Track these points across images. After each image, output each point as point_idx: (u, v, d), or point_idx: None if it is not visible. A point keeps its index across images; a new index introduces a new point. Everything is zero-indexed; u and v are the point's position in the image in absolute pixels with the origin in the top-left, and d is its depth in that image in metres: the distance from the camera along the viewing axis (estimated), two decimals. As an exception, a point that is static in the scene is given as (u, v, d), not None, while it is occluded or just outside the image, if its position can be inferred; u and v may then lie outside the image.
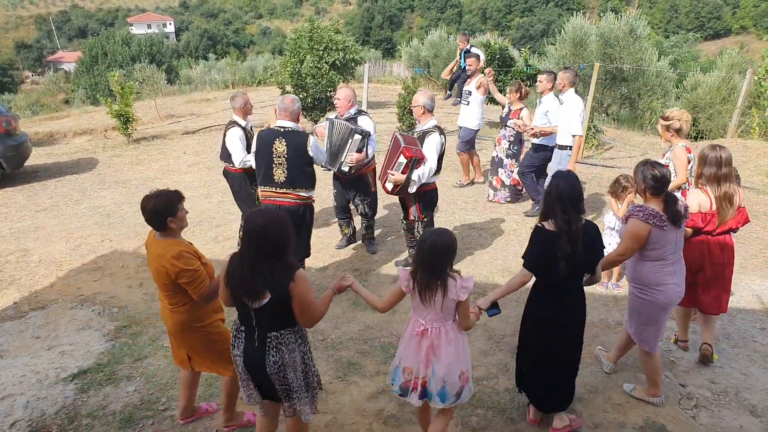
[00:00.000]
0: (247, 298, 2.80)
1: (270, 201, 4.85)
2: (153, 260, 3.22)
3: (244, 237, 2.86)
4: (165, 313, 3.39)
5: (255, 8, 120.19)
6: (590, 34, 12.34)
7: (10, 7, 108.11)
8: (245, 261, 2.80)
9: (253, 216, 2.85)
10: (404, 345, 3.22)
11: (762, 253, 6.42)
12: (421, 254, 3.00)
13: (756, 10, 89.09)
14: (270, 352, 2.88)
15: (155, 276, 3.24)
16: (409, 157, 4.95)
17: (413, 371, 3.16)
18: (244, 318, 2.94)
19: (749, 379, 4.25)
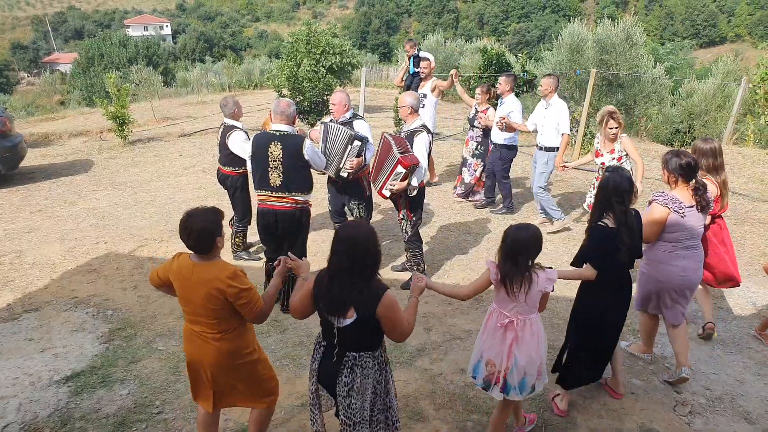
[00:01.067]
0: (333, 316, 2.76)
1: (266, 205, 4.83)
2: (198, 286, 2.91)
3: (335, 250, 2.73)
4: (204, 346, 3.02)
5: (252, 11, 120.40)
6: (587, 40, 12.39)
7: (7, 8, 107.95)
8: (336, 276, 2.73)
9: (345, 228, 2.79)
10: (487, 338, 3.29)
11: (757, 261, 6.44)
12: (505, 248, 3.10)
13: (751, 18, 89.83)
14: (344, 372, 2.81)
15: (201, 303, 2.92)
16: (407, 167, 4.97)
17: (496, 364, 3.24)
18: (326, 333, 2.90)
19: (744, 385, 4.26)
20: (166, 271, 3.05)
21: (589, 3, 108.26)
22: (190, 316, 3.03)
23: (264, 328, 4.85)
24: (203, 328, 3.00)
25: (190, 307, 2.99)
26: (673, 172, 3.92)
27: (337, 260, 2.72)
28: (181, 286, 2.99)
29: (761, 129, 12.12)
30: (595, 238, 3.55)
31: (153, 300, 5.38)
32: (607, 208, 3.49)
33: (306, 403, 3.93)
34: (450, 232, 7.04)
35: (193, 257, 2.99)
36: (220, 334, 2.99)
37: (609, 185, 3.49)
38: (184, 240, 2.92)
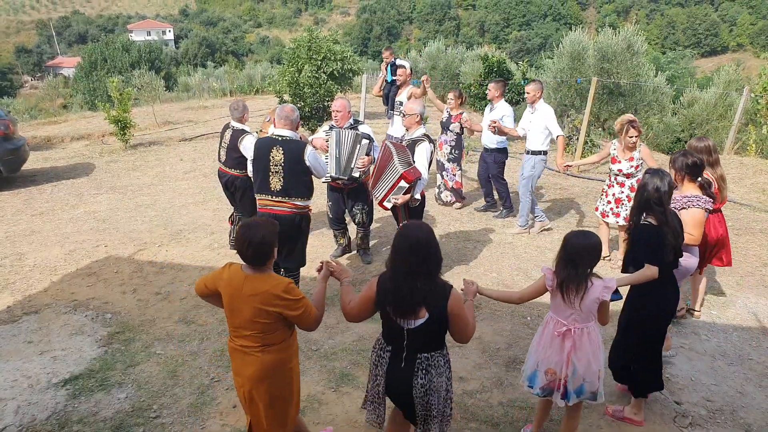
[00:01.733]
0: (403, 317, 2.76)
1: (266, 209, 4.82)
2: (249, 298, 2.86)
3: (399, 252, 2.77)
4: (248, 359, 2.95)
5: (254, 17, 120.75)
6: (588, 48, 12.42)
7: (12, 12, 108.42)
8: (404, 276, 2.74)
9: (408, 230, 2.80)
10: (543, 347, 3.32)
11: (759, 271, 6.41)
12: (564, 254, 3.14)
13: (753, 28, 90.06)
14: (418, 374, 2.82)
15: (250, 316, 2.87)
16: (410, 182, 4.95)
17: (557, 372, 3.27)
18: (392, 338, 2.89)
19: (745, 397, 4.24)
20: (216, 280, 2.99)
21: (590, 11, 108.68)
22: (235, 329, 2.97)
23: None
24: (247, 342, 2.94)
25: (237, 319, 2.93)
26: (679, 170, 4.19)
27: (404, 262, 2.74)
28: (231, 298, 2.93)
29: (763, 138, 12.11)
30: (644, 237, 3.61)
31: (152, 304, 5.37)
32: (647, 209, 3.60)
33: (305, 408, 3.92)
34: (450, 240, 7.04)
35: (246, 269, 2.93)
36: (265, 346, 2.94)
37: (649, 187, 3.59)
38: (242, 251, 2.88)
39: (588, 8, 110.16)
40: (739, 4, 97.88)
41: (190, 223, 7.40)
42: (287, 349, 3.03)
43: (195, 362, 4.45)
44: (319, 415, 3.89)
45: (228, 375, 4.28)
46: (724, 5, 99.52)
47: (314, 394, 4.08)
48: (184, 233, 7.07)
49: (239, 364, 3.00)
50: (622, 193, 6.07)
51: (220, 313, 5.18)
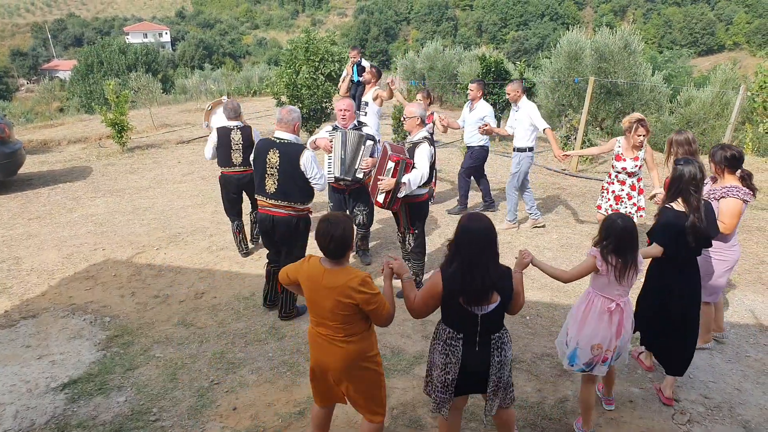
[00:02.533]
0: (478, 305, 2.92)
1: (264, 210, 4.83)
2: (328, 291, 2.96)
3: (466, 244, 2.91)
4: (331, 348, 3.06)
5: (251, 19, 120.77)
6: (585, 48, 12.43)
7: (7, 15, 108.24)
8: (473, 267, 2.88)
9: (472, 222, 2.95)
10: (590, 325, 3.51)
11: (755, 269, 6.43)
12: (616, 237, 3.33)
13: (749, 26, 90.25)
14: (494, 353, 3.04)
15: (329, 307, 2.97)
16: (396, 161, 4.98)
17: (603, 346, 3.49)
18: (463, 325, 3.02)
19: (743, 394, 4.25)
20: (297, 271, 3.12)
21: (587, 11, 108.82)
22: (316, 319, 3.09)
23: (261, 336, 4.85)
24: (329, 332, 3.05)
25: (317, 310, 3.05)
26: (719, 164, 4.33)
27: (472, 252, 2.89)
28: (310, 289, 3.05)
29: (759, 137, 12.14)
30: (663, 219, 3.82)
31: (151, 307, 5.37)
32: (682, 195, 3.77)
33: (304, 410, 3.92)
34: (448, 240, 7.03)
35: (324, 262, 3.04)
36: (347, 337, 3.04)
37: (686, 175, 3.76)
38: (324, 245, 2.97)
39: (585, 8, 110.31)
40: (735, 3, 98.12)
41: (188, 226, 7.40)
42: (368, 338, 3.15)
43: (194, 365, 4.45)
44: (318, 416, 3.88)
45: (228, 377, 4.29)
46: (720, 4, 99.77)
47: (313, 396, 4.08)
48: (183, 236, 7.06)
49: (322, 353, 3.11)
50: (623, 191, 6.08)
51: (219, 315, 5.20)
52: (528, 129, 6.99)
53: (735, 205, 4.21)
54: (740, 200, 4.21)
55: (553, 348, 4.67)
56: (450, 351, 3.05)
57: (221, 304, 5.42)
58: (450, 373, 3.06)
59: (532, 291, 5.69)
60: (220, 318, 5.16)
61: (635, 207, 6.04)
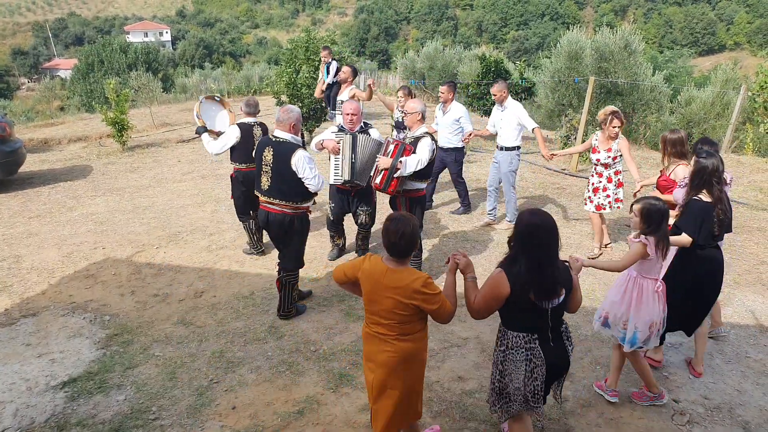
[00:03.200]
0: (548, 298, 2.97)
1: (262, 206, 4.92)
2: (389, 290, 2.97)
3: (531, 238, 2.93)
4: (384, 345, 3.07)
5: (251, 18, 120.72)
6: (585, 48, 12.42)
7: (8, 14, 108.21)
8: (543, 262, 2.93)
9: (535, 217, 2.96)
10: (648, 306, 3.78)
11: (755, 269, 6.42)
12: (657, 222, 3.59)
13: (750, 26, 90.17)
14: (566, 343, 3.20)
15: (389, 306, 2.99)
16: (396, 144, 5.07)
17: (656, 323, 3.83)
18: (534, 324, 3.06)
19: (743, 395, 4.25)
20: (355, 269, 3.14)
21: (587, 11, 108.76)
22: (372, 317, 3.11)
23: (261, 335, 4.85)
24: (383, 330, 3.08)
25: (375, 308, 3.06)
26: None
27: (540, 248, 2.93)
28: (371, 288, 3.05)
29: (760, 137, 12.13)
30: (692, 210, 4.04)
31: (150, 306, 5.37)
32: (705, 187, 4.00)
33: (303, 409, 3.92)
34: (448, 240, 7.04)
35: (387, 261, 3.05)
36: (402, 336, 3.06)
37: (709, 167, 3.99)
38: (393, 243, 2.97)
39: (585, 7, 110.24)
40: (736, 3, 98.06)
41: (188, 225, 7.40)
42: (422, 339, 3.15)
43: (194, 364, 4.45)
44: (318, 415, 3.89)
45: (227, 376, 4.29)
46: (721, 4, 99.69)
47: (313, 395, 4.08)
48: (182, 235, 7.06)
49: (374, 350, 3.13)
50: (600, 183, 6.36)
51: (218, 314, 5.20)
52: (516, 128, 7.04)
53: None
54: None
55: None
56: (533, 354, 3.06)
57: (221, 303, 5.42)
58: (538, 379, 3.07)
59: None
60: (219, 317, 5.16)
61: (613, 198, 6.34)
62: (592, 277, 5.93)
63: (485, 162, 11.09)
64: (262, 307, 5.32)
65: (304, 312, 5.24)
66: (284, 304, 5.08)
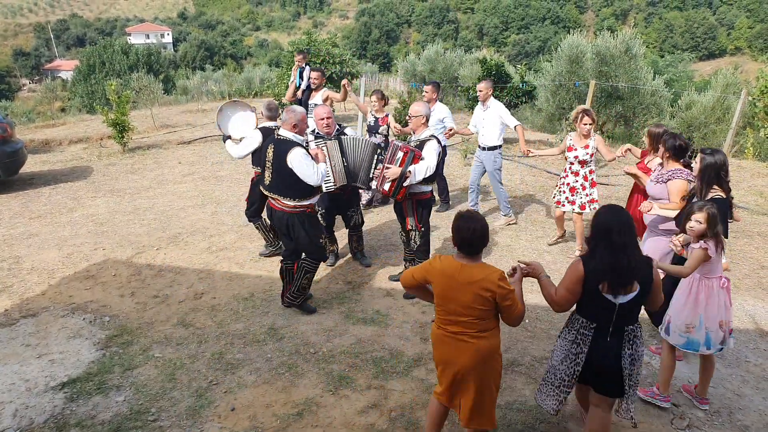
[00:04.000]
0: (619, 292, 3.03)
1: (269, 202, 5.07)
2: (466, 286, 3.02)
3: (608, 232, 3.01)
4: (460, 347, 3.11)
5: (253, 20, 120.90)
6: (586, 51, 12.44)
7: (9, 15, 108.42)
8: (617, 251, 2.99)
9: (610, 211, 3.10)
10: (714, 306, 3.81)
11: (755, 273, 6.43)
12: (717, 222, 3.68)
13: (750, 31, 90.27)
14: (626, 345, 3.12)
15: (467, 302, 3.03)
16: (405, 151, 5.02)
17: (725, 320, 3.83)
18: (598, 315, 3.12)
19: (742, 399, 4.25)
20: (426, 272, 3.18)
21: (588, 15, 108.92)
22: (449, 317, 3.12)
23: (260, 337, 4.85)
24: (462, 329, 3.10)
25: (452, 307, 3.09)
26: (668, 150, 4.68)
27: (614, 241, 2.99)
28: (446, 286, 3.09)
29: (761, 142, 12.14)
30: (722, 211, 3.98)
31: (150, 307, 5.37)
32: (716, 182, 4.12)
33: (302, 411, 3.92)
34: (448, 243, 7.04)
35: (460, 258, 3.10)
36: (480, 332, 3.09)
37: (717, 163, 4.10)
38: (466, 239, 3.04)
39: (586, 12, 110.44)
40: (737, 8, 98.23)
41: (188, 226, 7.40)
42: (497, 336, 3.18)
43: (193, 365, 4.45)
44: (317, 417, 3.88)
45: (226, 378, 4.28)
46: (722, 9, 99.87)
47: (312, 397, 4.08)
48: (183, 236, 7.06)
49: (451, 352, 3.14)
50: (577, 182, 6.46)
51: (218, 315, 5.20)
52: (499, 127, 7.21)
53: (682, 185, 4.59)
54: (686, 180, 4.59)
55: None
56: (581, 340, 3.17)
57: (220, 304, 5.42)
58: (579, 365, 3.17)
59: (532, 294, 5.68)
60: (219, 318, 5.16)
61: (588, 198, 6.46)
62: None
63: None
64: (262, 309, 5.32)
65: (311, 313, 5.24)
66: (293, 287, 5.10)
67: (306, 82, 9.06)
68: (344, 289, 5.81)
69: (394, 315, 5.27)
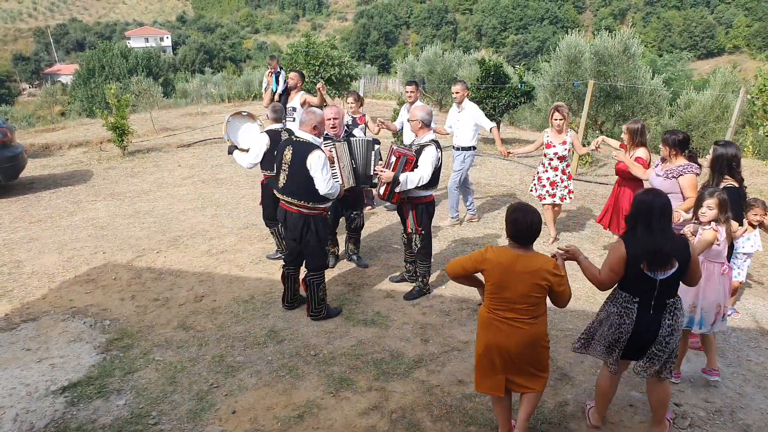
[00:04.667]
0: (660, 269, 3.28)
1: (282, 204, 4.99)
2: (523, 275, 3.19)
3: (648, 215, 3.27)
4: (513, 332, 3.27)
5: (252, 23, 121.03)
6: (584, 51, 12.45)
7: (9, 20, 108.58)
8: (655, 231, 3.27)
9: (648, 195, 3.37)
10: (712, 288, 4.05)
11: (756, 272, 6.44)
12: (727, 208, 3.97)
13: (749, 30, 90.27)
14: (666, 316, 3.39)
15: (524, 290, 3.20)
16: (398, 155, 5.04)
17: (722, 304, 4.08)
18: (640, 290, 3.38)
19: (744, 398, 4.24)
20: (476, 262, 3.34)
21: (587, 15, 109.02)
22: (503, 304, 3.28)
23: (261, 339, 4.85)
24: (517, 315, 3.26)
25: (508, 295, 3.24)
26: (672, 147, 5.00)
27: (651, 221, 3.27)
28: (502, 276, 3.24)
29: (760, 140, 12.15)
30: (732, 198, 4.21)
31: (150, 310, 5.37)
32: (727, 172, 4.52)
33: (303, 414, 3.92)
34: (448, 244, 7.05)
35: (514, 248, 3.29)
36: (532, 319, 3.27)
37: (728, 154, 4.51)
38: (522, 231, 3.22)
39: (585, 11, 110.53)
40: (735, 6, 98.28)
41: (188, 229, 7.41)
42: (546, 320, 3.39)
43: (194, 368, 4.45)
44: (317, 420, 3.88)
45: (227, 381, 4.28)
46: (720, 8, 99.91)
47: (313, 399, 4.08)
48: (183, 239, 7.07)
49: (503, 336, 3.30)
50: (556, 177, 6.80)
51: (218, 318, 5.20)
52: (473, 129, 7.33)
53: (693, 179, 4.97)
54: (695, 174, 4.98)
55: (553, 351, 4.66)
56: (625, 313, 3.41)
57: (221, 307, 5.42)
58: (623, 334, 3.43)
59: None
60: (219, 321, 5.16)
61: (567, 190, 6.83)
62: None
63: (484, 166, 11.12)
64: (263, 312, 5.32)
65: (337, 315, 5.25)
66: (312, 304, 5.11)
67: (283, 86, 9.05)
68: (345, 290, 5.81)
69: (395, 316, 5.27)
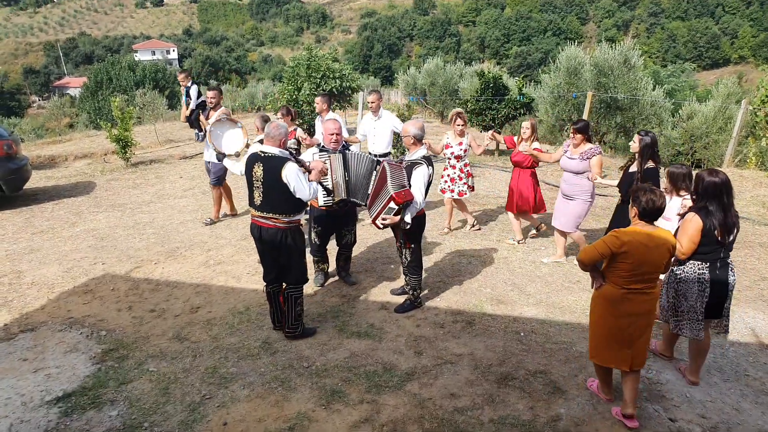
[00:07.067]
0: (728, 235, 4.05)
1: (254, 220, 4.87)
2: (658, 248, 3.67)
3: (720, 191, 4.01)
4: (645, 300, 3.81)
5: (257, 36, 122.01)
6: (584, 63, 12.49)
7: (20, 35, 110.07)
8: (725, 206, 4.03)
9: (715, 175, 4.04)
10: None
11: (756, 285, 6.37)
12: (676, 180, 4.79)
13: (754, 40, 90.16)
14: (730, 273, 4.19)
15: (659, 261, 3.70)
16: (399, 203, 4.93)
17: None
18: (710, 254, 4.12)
19: (741, 414, 4.18)
20: (611, 246, 3.72)
21: (590, 26, 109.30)
22: (638, 276, 3.75)
23: (254, 351, 4.85)
24: (648, 284, 3.79)
25: (646, 269, 3.72)
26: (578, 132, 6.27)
27: (721, 197, 4.03)
28: (643, 253, 3.68)
29: (763, 151, 12.09)
30: (648, 176, 5.38)
31: (146, 321, 5.39)
32: (652, 157, 5.47)
33: (294, 426, 3.92)
34: (444, 255, 7.05)
35: (643, 226, 3.74)
36: (654, 284, 3.82)
37: (652, 140, 5.43)
38: (651, 210, 3.68)
39: (588, 23, 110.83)
40: (740, 17, 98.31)
41: (186, 241, 7.44)
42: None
43: (187, 379, 4.46)
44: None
45: (219, 392, 4.29)
46: (724, 18, 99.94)
47: (304, 412, 4.08)
48: (181, 250, 7.10)
49: (637, 305, 3.82)
50: (455, 173, 7.51)
51: (213, 329, 5.21)
52: (389, 135, 7.80)
53: (600, 159, 6.18)
54: (600, 155, 6.18)
55: (547, 365, 4.65)
56: (699, 279, 4.14)
57: (216, 318, 5.43)
58: (705, 296, 4.14)
59: (526, 307, 5.68)
60: (214, 332, 5.17)
61: (466, 186, 7.52)
62: (588, 293, 5.89)
63: (483, 177, 11.13)
64: (257, 323, 5.33)
65: (312, 335, 5.15)
66: (289, 320, 5.01)
67: (195, 101, 8.82)
68: (339, 302, 5.81)
69: (388, 328, 5.27)
